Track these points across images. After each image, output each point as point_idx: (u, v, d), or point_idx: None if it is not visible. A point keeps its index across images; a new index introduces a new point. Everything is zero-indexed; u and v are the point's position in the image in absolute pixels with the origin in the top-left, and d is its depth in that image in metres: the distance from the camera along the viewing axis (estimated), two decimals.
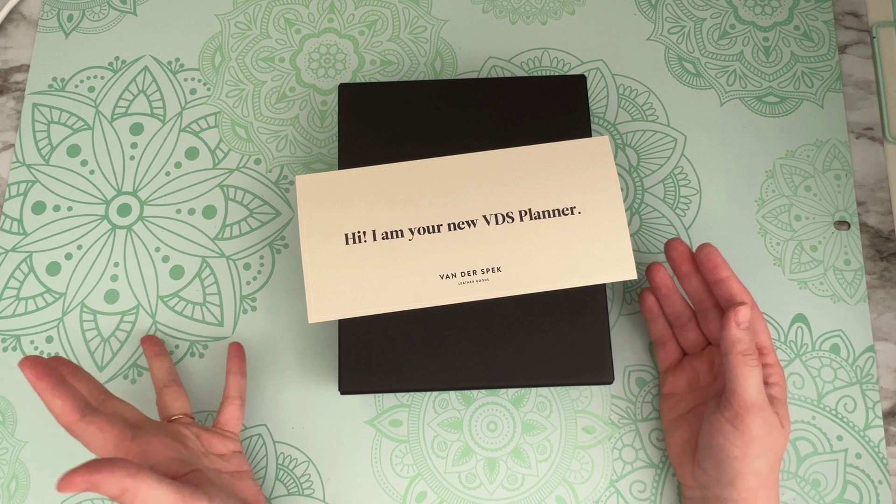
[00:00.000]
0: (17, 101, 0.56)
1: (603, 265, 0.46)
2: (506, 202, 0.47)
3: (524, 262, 0.46)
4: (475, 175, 0.48)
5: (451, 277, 0.46)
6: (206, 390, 0.50)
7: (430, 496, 0.48)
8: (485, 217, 0.47)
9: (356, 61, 0.57)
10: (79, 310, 0.51)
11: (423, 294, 0.46)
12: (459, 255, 0.46)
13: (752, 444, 0.41)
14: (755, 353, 0.42)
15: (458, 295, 0.46)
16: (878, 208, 0.54)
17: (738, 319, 0.42)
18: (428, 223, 0.47)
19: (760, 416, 0.41)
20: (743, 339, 0.42)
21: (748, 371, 0.41)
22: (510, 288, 0.46)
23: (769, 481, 0.42)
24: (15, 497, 0.48)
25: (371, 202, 0.47)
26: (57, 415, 0.36)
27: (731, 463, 0.42)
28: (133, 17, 0.58)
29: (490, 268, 0.46)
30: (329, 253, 0.46)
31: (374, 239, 0.46)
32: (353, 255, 0.46)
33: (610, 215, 0.47)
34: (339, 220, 0.47)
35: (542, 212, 0.47)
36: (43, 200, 0.54)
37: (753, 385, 0.41)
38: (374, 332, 0.46)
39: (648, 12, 0.58)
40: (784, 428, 0.42)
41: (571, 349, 0.46)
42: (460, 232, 0.46)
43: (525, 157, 0.48)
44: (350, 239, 0.46)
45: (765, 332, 0.45)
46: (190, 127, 0.55)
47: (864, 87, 0.56)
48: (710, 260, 0.45)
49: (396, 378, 0.46)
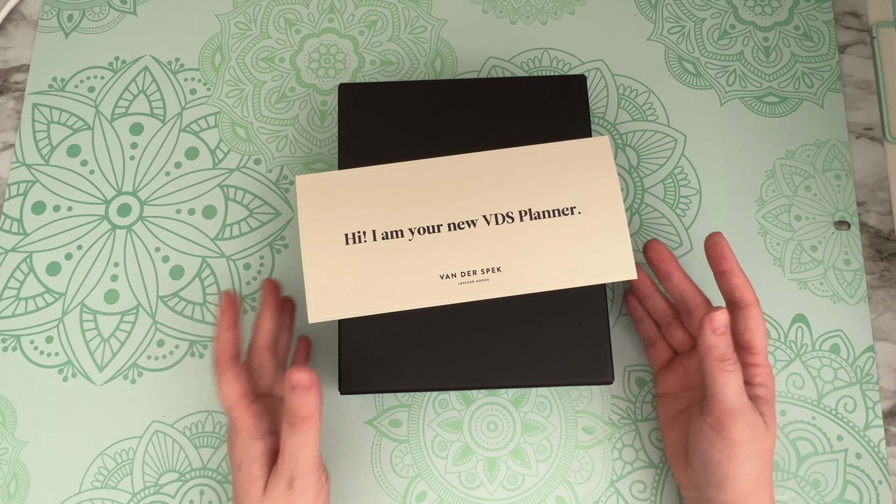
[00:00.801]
0: (17, 101, 0.56)
1: (603, 265, 0.46)
2: (506, 202, 0.47)
3: (524, 262, 0.46)
4: (475, 175, 0.48)
5: (451, 277, 0.46)
6: (206, 390, 0.50)
7: (430, 496, 0.48)
8: (485, 217, 0.47)
9: (356, 61, 0.57)
10: (79, 310, 0.51)
11: (423, 294, 0.45)
12: (459, 255, 0.46)
13: (736, 448, 0.41)
14: (732, 357, 0.41)
15: (458, 295, 0.45)
16: (878, 208, 0.54)
17: (714, 326, 0.40)
18: (428, 223, 0.47)
19: (742, 420, 0.40)
20: (718, 345, 0.40)
21: (726, 377, 0.40)
22: (510, 288, 0.46)
23: (760, 483, 0.42)
24: (15, 497, 0.48)
25: (371, 202, 0.47)
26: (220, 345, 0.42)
27: (718, 467, 0.41)
28: (133, 17, 0.58)
29: (490, 268, 0.46)
30: (329, 253, 0.46)
31: (374, 239, 0.46)
32: (354, 255, 0.46)
33: (610, 215, 0.47)
34: (339, 220, 0.47)
35: (542, 212, 0.47)
36: (43, 200, 0.54)
37: (732, 390, 0.40)
38: (374, 332, 0.46)
39: (648, 12, 0.58)
40: (769, 428, 0.42)
41: (571, 349, 0.46)
42: (460, 232, 0.46)
43: (525, 157, 0.48)
44: (350, 239, 0.46)
45: (759, 331, 0.43)
46: (190, 127, 0.55)
47: (864, 87, 0.56)
48: (717, 250, 0.44)
49: (396, 378, 0.46)
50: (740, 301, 0.43)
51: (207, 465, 0.49)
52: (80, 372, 0.50)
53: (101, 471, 0.48)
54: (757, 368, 0.43)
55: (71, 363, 0.50)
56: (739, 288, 0.43)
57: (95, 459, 0.49)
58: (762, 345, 0.43)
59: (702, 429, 0.42)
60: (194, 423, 0.49)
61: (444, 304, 0.46)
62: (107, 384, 0.50)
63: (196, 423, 0.49)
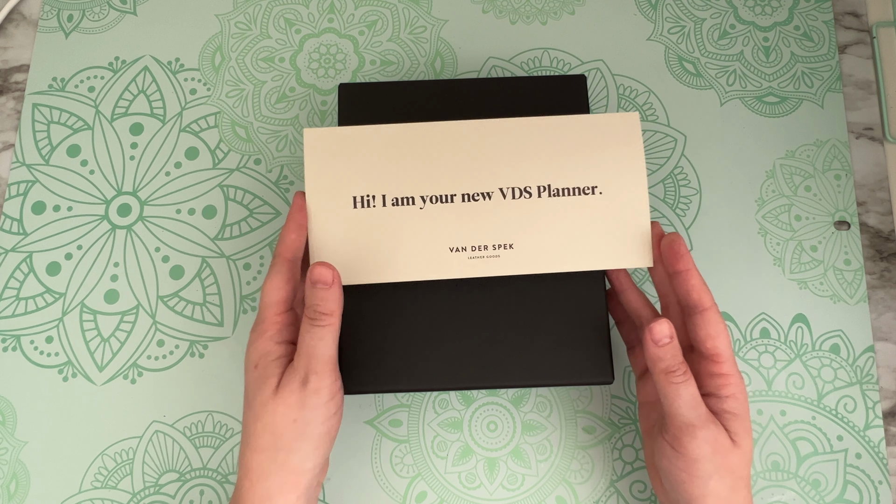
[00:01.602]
0: (17, 101, 0.56)
1: (619, 250, 0.44)
2: (524, 176, 0.45)
3: (538, 241, 0.44)
4: (495, 143, 0.45)
5: (462, 251, 0.44)
6: (206, 390, 0.50)
7: (430, 496, 0.48)
8: (501, 190, 0.45)
9: (356, 61, 0.57)
10: (79, 310, 0.51)
11: (430, 266, 0.44)
12: (472, 228, 0.44)
13: (697, 466, 0.38)
14: (680, 368, 0.38)
15: (466, 269, 0.44)
16: (878, 208, 0.54)
17: (654, 338, 0.38)
18: (442, 192, 0.44)
19: (699, 436, 0.38)
20: (663, 356, 0.38)
21: (674, 389, 0.38)
22: (521, 266, 0.44)
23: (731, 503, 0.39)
24: (15, 497, 0.48)
25: (383, 164, 0.45)
26: (284, 243, 0.42)
27: (682, 486, 0.39)
28: (133, 17, 0.58)
29: (502, 244, 0.44)
30: (336, 216, 0.44)
31: (384, 204, 0.44)
32: (361, 219, 0.44)
33: (633, 198, 0.44)
34: (349, 180, 0.44)
35: (561, 189, 0.45)
36: (43, 200, 0.54)
37: (684, 402, 0.38)
38: (374, 332, 0.46)
39: (648, 12, 0.58)
40: (737, 444, 0.39)
41: (571, 349, 0.46)
42: (474, 204, 0.44)
43: (549, 128, 0.45)
44: (359, 202, 0.44)
45: (721, 337, 0.40)
46: (190, 127, 0.55)
47: (864, 87, 0.56)
48: (674, 248, 0.41)
49: (396, 378, 0.46)
50: (697, 304, 0.40)
51: (207, 465, 0.49)
52: (80, 372, 0.50)
53: (101, 471, 0.48)
54: (723, 378, 0.40)
55: (71, 363, 0.50)
56: (696, 289, 0.40)
57: (95, 459, 0.49)
58: (727, 352, 0.40)
59: (662, 447, 0.40)
60: (194, 423, 0.49)
61: (449, 284, 0.45)
62: (107, 384, 0.50)
63: (196, 423, 0.49)
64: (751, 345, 0.51)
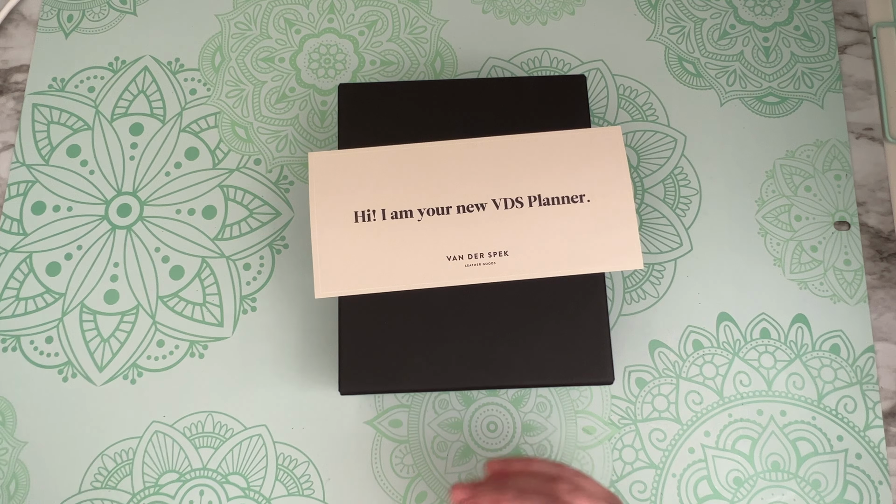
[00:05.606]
0: (17, 101, 0.56)
1: (610, 253, 0.47)
2: (516, 187, 0.48)
3: (531, 248, 0.47)
4: (486, 159, 0.48)
5: (459, 259, 0.46)
6: (206, 390, 0.50)
7: (430, 496, 0.48)
8: (494, 201, 0.47)
9: (356, 61, 0.57)
10: (79, 310, 0.51)
11: (429, 274, 0.46)
12: (467, 238, 0.47)
13: None
14: None
15: (464, 277, 0.46)
16: (878, 208, 0.54)
17: None
18: (438, 204, 0.47)
19: None
20: None
21: None
22: (516, 272, 0.46)
23: None
24: (15, 497, 0.48)
25: (382, 182, 0.48)
26: None
27: None
28: (133, 17, 0.58)
29: (497, 251, 0.46)
30: (338, 229, 0.47)
31: (384, 218, 0.47)
32: (362, 232, 0.47)
33: (619, 205, 0.47)
34: (350, 197, 0.47)
35: (551, 198, 0.47)
36: (43, 200, 0.54)
37: None
38: (374, 332, 0.46)
39: (648, 12, 0.58)
40: None
41: (571, 349, 0.46)
42: (469, 214, 0.47)
43: (536, 144, 0.49)
44: (360, 217, 0.47)
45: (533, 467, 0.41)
46: (190, 127, 0.55)
47: (864, 87, 0.56)
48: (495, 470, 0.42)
49: (396, 378, 0.46)
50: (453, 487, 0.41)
51: (207, 465, 0.49)
52: (80, 372, 0.50)
53: (100, 471, 0.48)
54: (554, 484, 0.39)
55: (71, 363, 0.50)
56: None
57: (95, 460, 0.49)
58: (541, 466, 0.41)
59: None
60: (194, 423, 0.49)
61: (450, 286, 0.46)
62: (107, 384, 0.50)
63: (196, 423, 0.49)
64: (751, 345, 0.51)
